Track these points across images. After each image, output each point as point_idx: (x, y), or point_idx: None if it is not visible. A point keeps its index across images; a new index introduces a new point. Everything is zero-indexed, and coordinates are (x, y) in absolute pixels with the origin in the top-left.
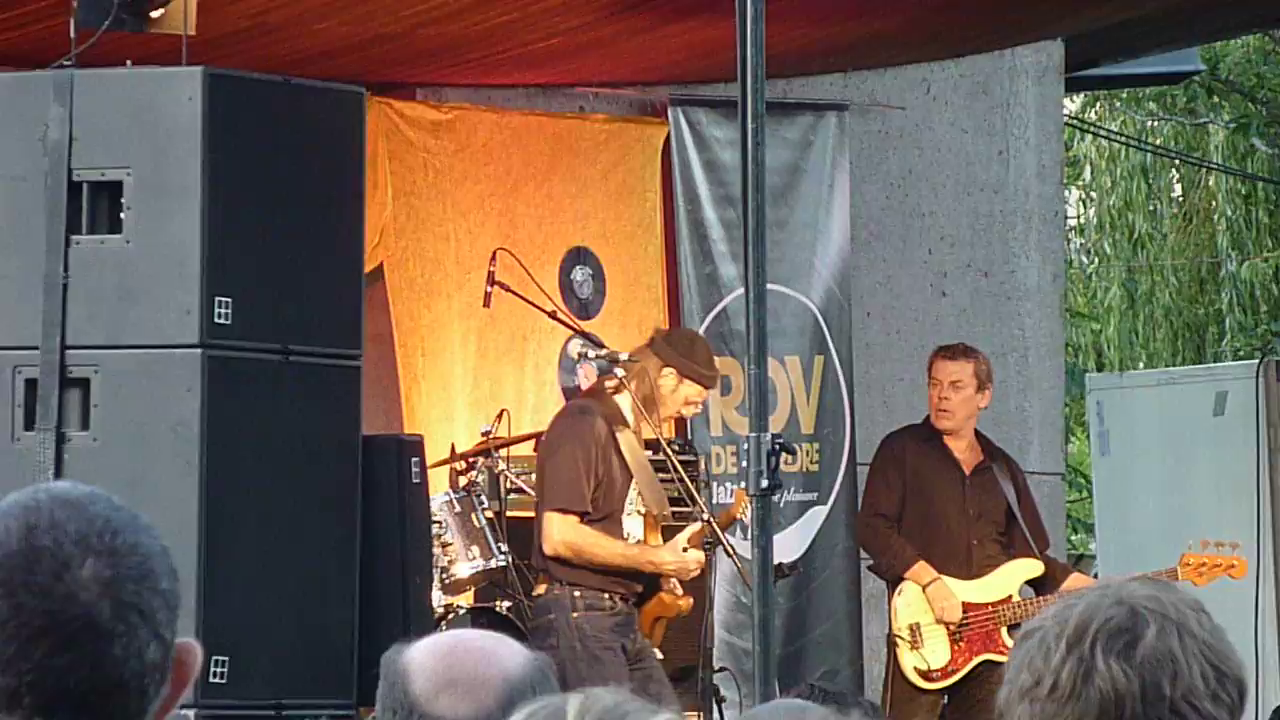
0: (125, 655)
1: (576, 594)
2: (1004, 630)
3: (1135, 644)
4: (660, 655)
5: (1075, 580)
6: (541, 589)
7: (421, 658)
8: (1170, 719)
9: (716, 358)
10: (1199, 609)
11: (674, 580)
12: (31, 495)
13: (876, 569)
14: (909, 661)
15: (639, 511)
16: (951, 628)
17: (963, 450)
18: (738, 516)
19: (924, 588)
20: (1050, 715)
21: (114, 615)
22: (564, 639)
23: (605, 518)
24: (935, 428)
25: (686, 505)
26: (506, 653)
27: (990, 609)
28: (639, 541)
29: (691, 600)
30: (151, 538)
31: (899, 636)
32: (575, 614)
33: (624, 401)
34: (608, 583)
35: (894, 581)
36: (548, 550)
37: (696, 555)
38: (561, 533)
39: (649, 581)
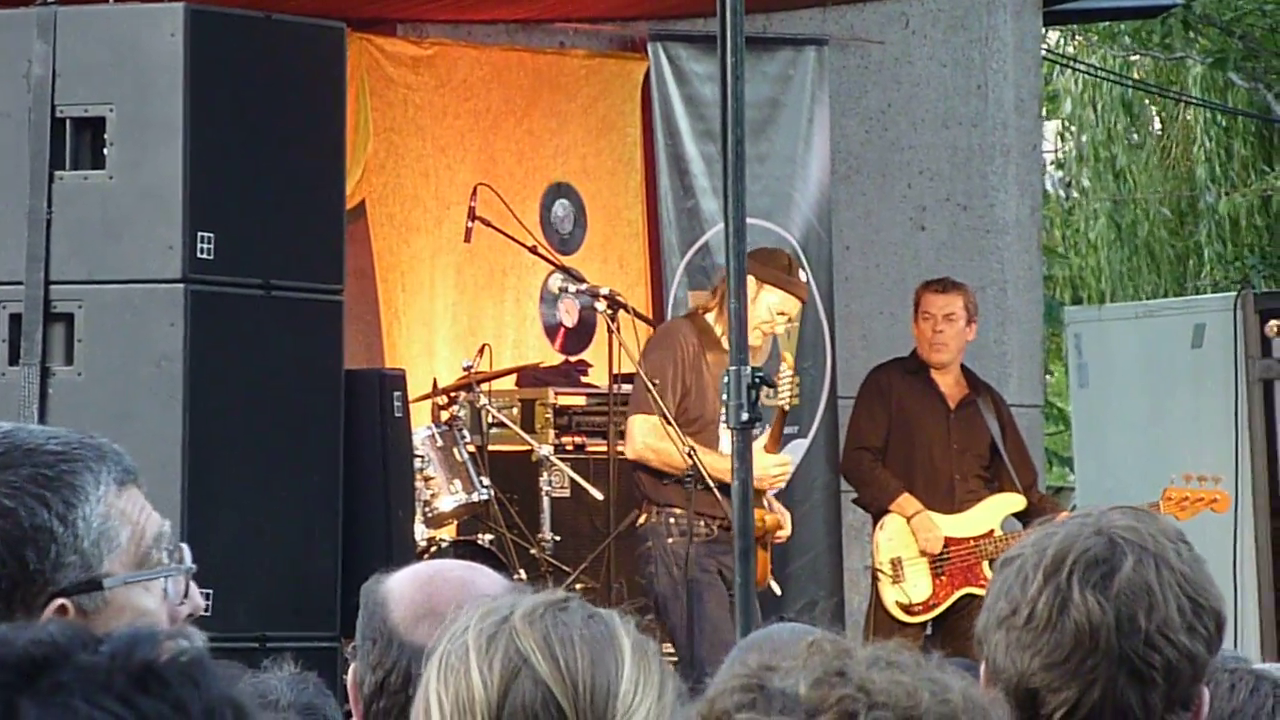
0: None
1: (671, 520)
2: (985, 564)
3: (1112, 575)
4: (778, 591)
5: (1062, 517)
6: (642, 518)
7: (400, 587)
8: (1145, 651)
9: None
10: (1179, 540)
11: (763, 500)
12: None
13: (861, 502)
14: (890, 596)
15: None
16: (933, 562)
17: (949, 384)
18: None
19: (908, 519)
20: (1026, 644)
21: None
22: (661, 566)
23: (701, 430)
24: (921, 361)
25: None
26: (485, 581)
27: (972, 543)
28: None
29: (780, 518)
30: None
31: (880, 571)
32: (670, 539)
33: (714, 322)
34: (702, 506)
35: (877, 515)
36: (630, 454)
37: (778, 459)
38: (642, 434)
39: None
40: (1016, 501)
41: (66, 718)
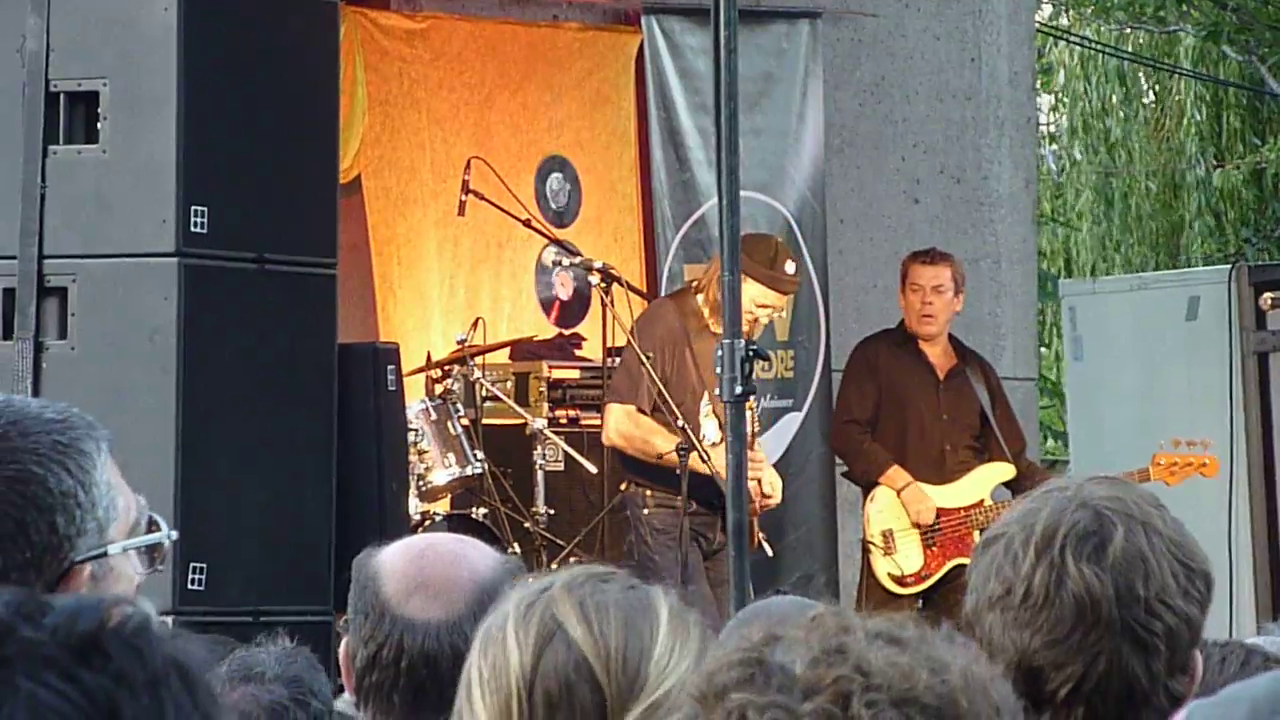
0: None
1: (647, 492)
2: (976, 534)
3: (1104, 546)
4: (769, 551)
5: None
6: (623, 485)
7: (392, 561)
8: (1147, 619)
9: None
10: (1158, 505)
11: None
12: None
13: (851, 475)
14: (882, 567)
15: (715, 414)
16: (924, 533)
17: (937, 355)
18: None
19: (898, 492)
20: (1025, 623)
21: None
22: (637, 535)
23: (680, 416)
24: (909, 332)
25: None
26: (477, 555)
27: (963, 513)
28: (714, 444)
29: (758, 501)
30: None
31: (872, 543)
32: (646, 510)
33: (703, 305)
34: (685, 488)
35: (868, 487)
36: (605, 441)
37: (754, 455)
38: (616, 423)
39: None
40: (1006, 470)
41: (7, 695)
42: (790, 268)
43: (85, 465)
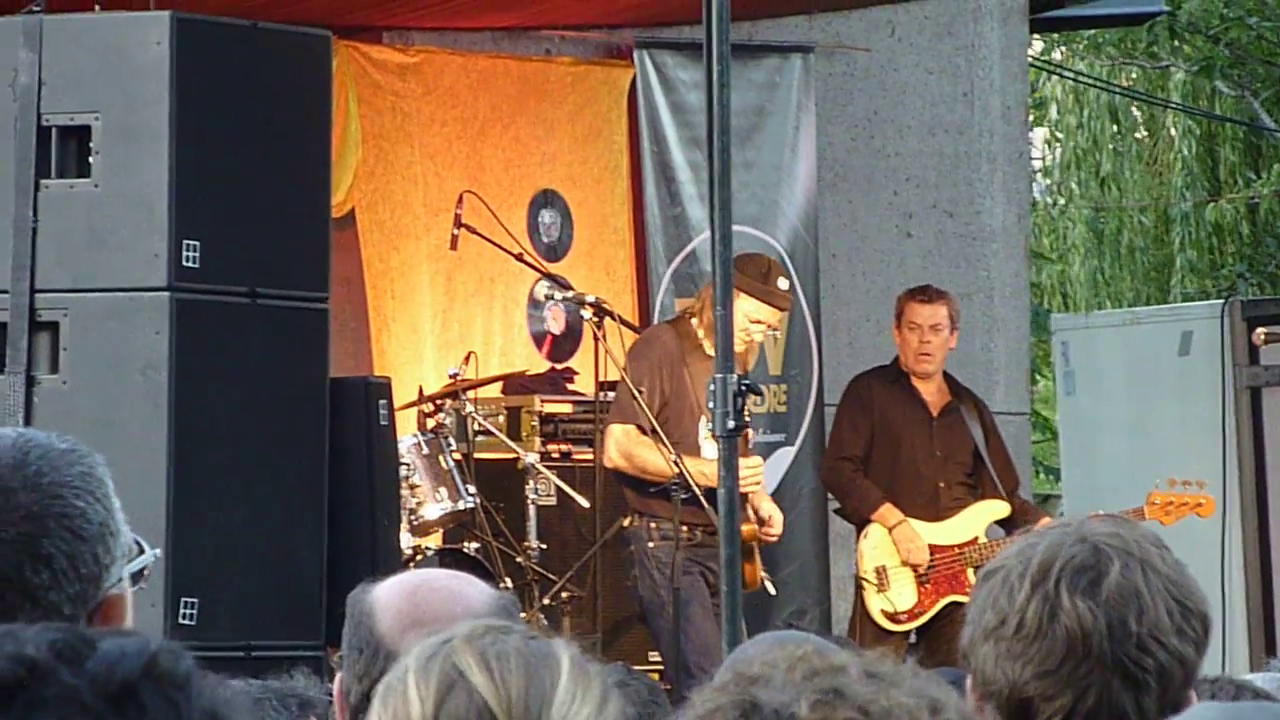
0: None
1: (652, 525)
2: (970, 571)
3: (1100, 581)
4: (772, 591)
5: (1044, 522)
6: (626, 521)
7: (387, 596)
8: (1138, 655)
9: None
10: (1160, 544)
11: (746, 509)
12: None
13: (843, 512)
14: (875, 604)
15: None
16: (918, 570)
17: (931, 392)
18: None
19: (890, 530)
20: (1016, 654)
21: None
22: (643, 569)
23: (680, 439)
24: (902, 369)
25: None
26: (472, 591)
27: (956, 550)
28: (714, 462)
29: (757, 528)
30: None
31: (865, 579)
32: (651, 544)
33: (698, 328)
34: (683, 515)
35: (861, 524)
36: (606, 463)
37: (749, 461)
38: (616, 442)
39: None
40: (1000, 508)
41: None
42: (783, 284)
43: (107, 493)
